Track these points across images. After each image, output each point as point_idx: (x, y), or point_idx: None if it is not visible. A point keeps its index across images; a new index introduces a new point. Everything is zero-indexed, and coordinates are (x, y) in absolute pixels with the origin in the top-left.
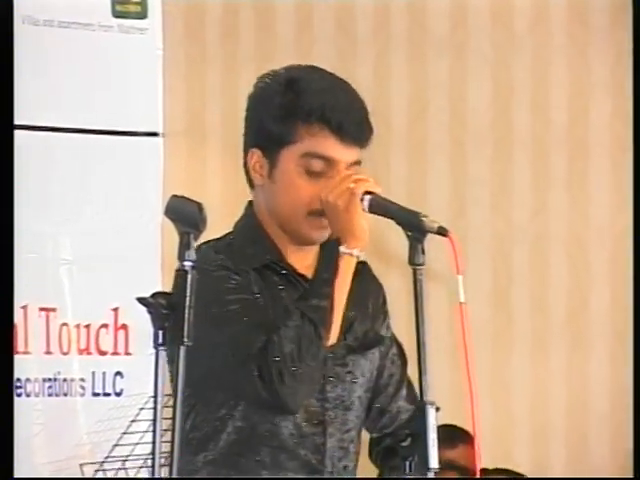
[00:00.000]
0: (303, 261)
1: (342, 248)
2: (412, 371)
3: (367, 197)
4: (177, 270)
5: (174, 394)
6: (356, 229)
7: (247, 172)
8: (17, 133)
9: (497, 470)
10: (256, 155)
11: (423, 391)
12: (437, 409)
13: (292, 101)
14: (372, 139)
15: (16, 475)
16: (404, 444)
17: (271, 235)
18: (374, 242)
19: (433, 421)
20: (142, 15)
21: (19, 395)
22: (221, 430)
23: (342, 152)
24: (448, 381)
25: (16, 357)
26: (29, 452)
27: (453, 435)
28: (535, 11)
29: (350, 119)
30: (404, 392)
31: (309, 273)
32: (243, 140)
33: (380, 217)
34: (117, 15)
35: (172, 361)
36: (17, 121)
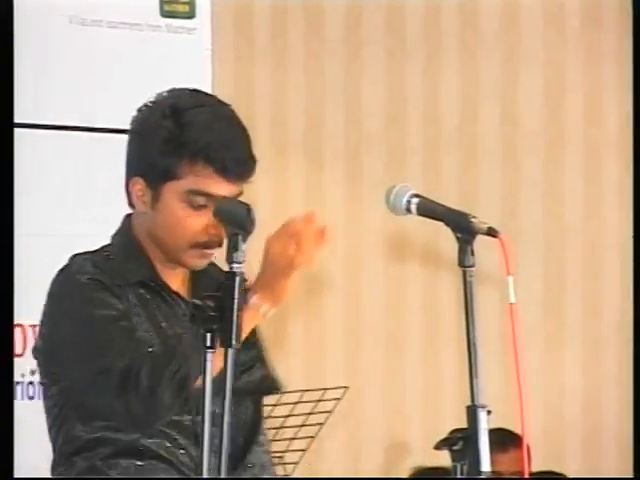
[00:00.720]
0: (176, 279)
1: (255, 299)
2: (464, 373)
3: (415, 200)
4: (226, 272)
5: (222, 398)
6: (283, 295)
7: (129, 196)
8: (59, 133)
9: (540, 473)
10: (139, 184)
11: (475, 394)
12: (488, 412)
13: (177, 137)
14: (254, 172)
15: (16, 475)
16: (455, 447)
17: (148, 253)
18: (424, 244)
19: (484, 424)
20: (190, 15)
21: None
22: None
23: (225, 189)
24: (499, 384)
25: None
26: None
27: (505, 439)
28: (586, 11)
29: (234, 157)
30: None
31: (182, 291)
32: (126, 165)
33: (429, 220)
34: (165, 15)
35: None
36: (68, 122)
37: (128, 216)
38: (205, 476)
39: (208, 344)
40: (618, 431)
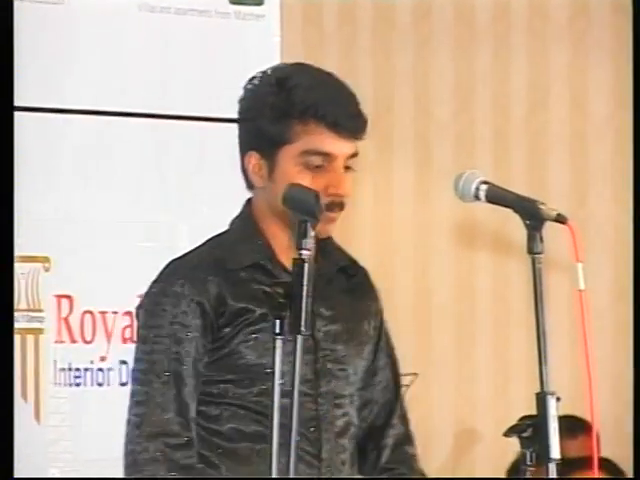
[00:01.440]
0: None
1: None
2: (533, 360)
3: (483, 187)
4: (294, 259)
5: (290, 382)
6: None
7: (246, 175)
8: (131, 121)
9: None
10: (254, 157)
11: (544, 380)
12: (558, 399)
13: (285, 100)
14: (367, 130)
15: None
16: (525, 434)
17: (266, 235)
18: (493, 232)
19: (554, 411)
20: (259, 2)
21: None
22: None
23: (339, 146)
24: (568, 371)
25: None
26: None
27: (574, 425)
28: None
29: (345, 113)
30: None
31: None
32: (239, 143)
33: (498, 207)
34: (234, 2)
35: None
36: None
37: (248, 200)
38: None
39: (277, 331)
40: None
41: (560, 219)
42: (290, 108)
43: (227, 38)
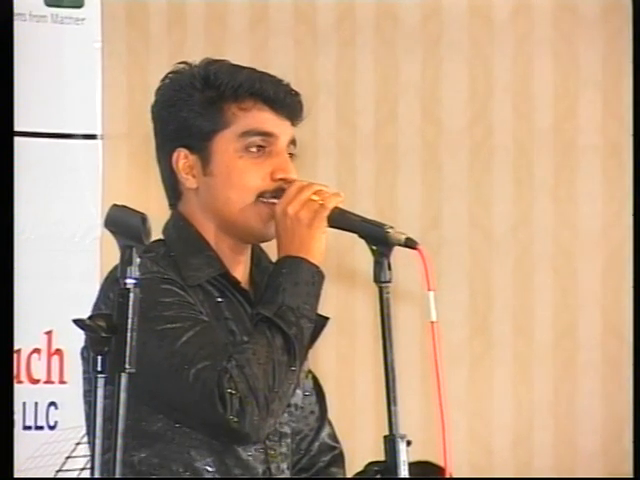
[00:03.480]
0: (244, 274)
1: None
2: (380, 400)
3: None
4: (118, 289)
5: (114, 426)
6: (316, 249)
7: (172, 178)
8: None
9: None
10: (183, 154)
11: (393, 423)
12: (408, 443)
13: (214, 83)
14: (303, 118)
15: None
16: None
17: (212, 245)
18: (336, 258)
19: (404, 456)
20: (78, 3)
21: None
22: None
23: (279, 125)
24: (420, 410)
25: None
26: None
27: (426, 471)
28: (516, 2)
29: (280, 89)
30: (327, 430)
31: (246, 286)
32: (157, 145)
33: (341, 231)
34: (50, 4)
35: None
36: None
37: (174, 208)
38: None
39: (99, 368)
40: (550, 463)
41: (410, 244)
42: (222, 89)
43: (43, 43)
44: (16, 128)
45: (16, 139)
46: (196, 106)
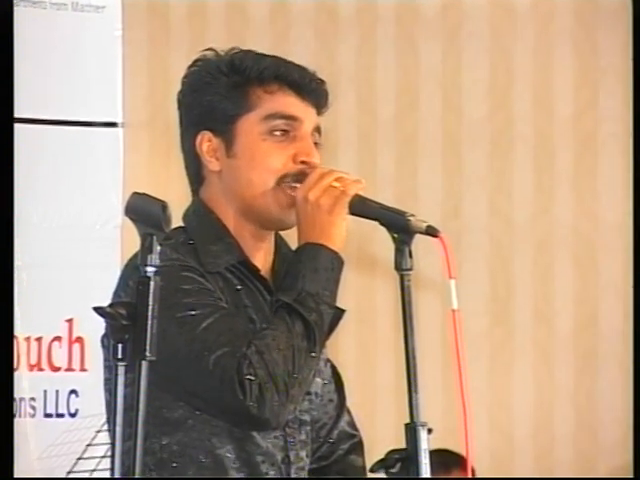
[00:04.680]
0: (265, 262)
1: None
2: (400, 388)
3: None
4: (139, 276)
5: (135, 414)
6: (337, 235)
7: (196, 162)
8: None
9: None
10: (207, 137)
11: (414, 410)
12: (429, 431)
13: (239, 67)
14: (328, 107)
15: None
16: (393, 470)
17: (232, 231)
18: (357, 246)
19: (425, 444)
20: None
21: None
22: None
23: (304, 111)
24: (441, 399)
25: None
26: None
27: (447, 460)
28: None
29: (306, 76)
30: (345, 417)
31: (267, 275)
32: (182, 128)
33: (362, 219)
34: None
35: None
36: None
37: (195, 195)
38: None
39: (120, 356)
40: (571, 453)
41: (431, 232)
42: (247, 72)
43: (64, 32)
44: (37, 116)
45: (36, 127)
46: (221, 89)
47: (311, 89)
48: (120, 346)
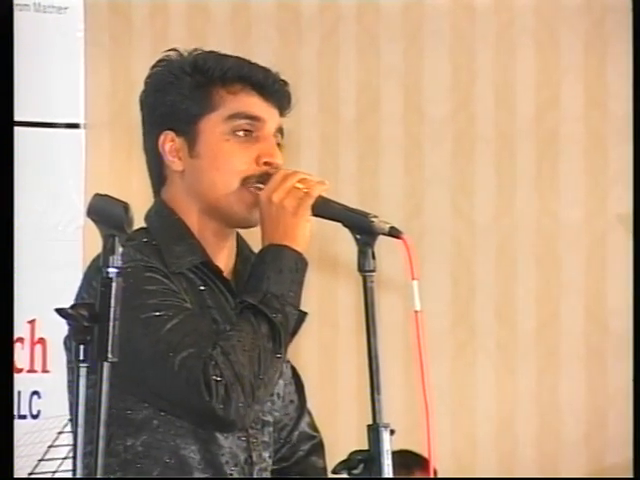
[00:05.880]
0: (227, 263)
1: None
2: (362, 390)
3: None
4: (101, 278)
5: (97, 415)
6: (301, 237)
7: (158, 162)
8: None
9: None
10: (169, 137)
11: (376, 412)
12: (392, 432)
13: (202, 67)
14: (291, 108)
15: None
16: (355, 471)
17: (195, 232)
18: (319, 247)
19: (387, 446)
20: None
21: None
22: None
23: (267, 111)
24: (403, 400)
25: None
26: None
27: (409, 461)
28: None
29: (269, 77)
30: (306, 419)
31: (230, 276)
32: (145, 128)
33: (324, 220)
34: None
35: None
36: None
37: (157, 196)
38: None
39: (82, 357)
40: (534, 453)
41: (394, 233)
42: (210, 72)
43: (25, 32)
44: None
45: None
46: (184, 89)
47: (274, 90)
48: (82, 347)
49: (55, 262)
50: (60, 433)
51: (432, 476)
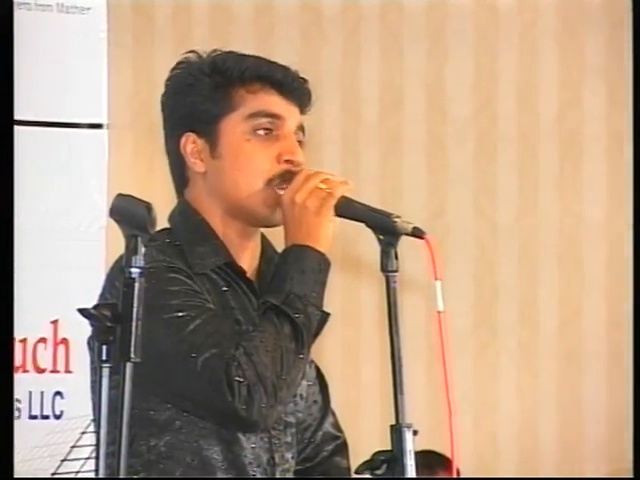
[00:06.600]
0: (251, 264)
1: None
2: (385, 390)
3: None
4: (123, 278)
5: (119, 416)
6: (324, 237)
7: (180, 164)
8: None
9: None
10: (191, 139)
11: (399, 412)
12: (415, 432)
13: (222, 68)
14: (311, 106)
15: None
16: (378, 471)
17: (218, 232)
18: (342, 248)
19: (410, 446)
20: None
21: None
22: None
23: (286, 109)
24: (426, 400)
25: None
26: None
27: (432, 461)
28: None
29: (288, 75)
30: (330, 419)
31: (253, 277)
32: (166, 130)
33: (347, 220)
34: None
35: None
36: None
37: (180, 196)
38: None
39: (104, 358)
40: (556, 453)
41: (417, 233)
42: (229, 73)
43: (49, 33)
44: (22, 117)
45: (21, 128)
46: (204, 90)
47: (294, 88)
48: (105, 348)
49: (78, 262)
50: (83, 433)
51: (455, 476)
